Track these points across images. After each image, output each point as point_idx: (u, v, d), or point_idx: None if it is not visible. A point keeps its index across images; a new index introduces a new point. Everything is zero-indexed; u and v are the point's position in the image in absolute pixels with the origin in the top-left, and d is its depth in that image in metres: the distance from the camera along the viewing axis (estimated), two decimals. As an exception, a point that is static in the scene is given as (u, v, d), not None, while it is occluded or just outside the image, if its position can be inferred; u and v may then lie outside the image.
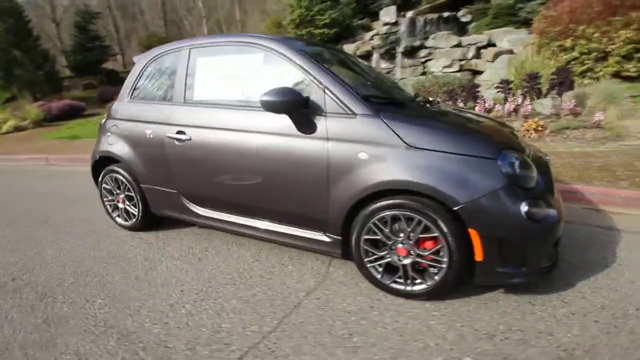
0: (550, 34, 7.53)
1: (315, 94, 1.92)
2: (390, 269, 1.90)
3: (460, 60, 11.12)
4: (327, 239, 2.06)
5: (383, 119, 1.80)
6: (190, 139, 2.33)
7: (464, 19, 13.78)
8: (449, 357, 1.50)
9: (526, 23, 11.66)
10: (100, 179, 2.99)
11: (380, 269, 1.92)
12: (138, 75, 2.71)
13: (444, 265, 1.74)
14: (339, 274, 2.18)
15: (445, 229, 1.68)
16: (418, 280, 1.84)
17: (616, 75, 6.63)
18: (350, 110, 1.84)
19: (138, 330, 1.77)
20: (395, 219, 1.80)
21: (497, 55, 10.36)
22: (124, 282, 2.22)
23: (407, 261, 1.83)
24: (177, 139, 2.39)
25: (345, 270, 2.21)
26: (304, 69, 1.96)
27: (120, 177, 2.82)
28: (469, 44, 11.24)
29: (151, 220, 2.90)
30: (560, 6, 7.35)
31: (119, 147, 2.75)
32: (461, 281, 1.79)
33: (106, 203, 3.06)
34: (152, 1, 25.82)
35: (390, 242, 1.85)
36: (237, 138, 2.16)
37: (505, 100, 5.14)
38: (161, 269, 2.37)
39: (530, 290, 1.89)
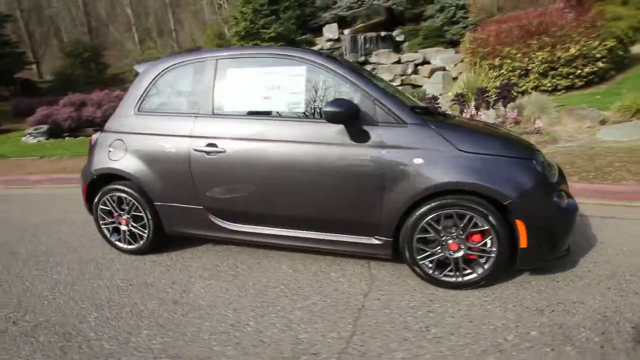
0: (481, 53, 8.68)
1: (365, 105, 2.03)
2: (441, 264, 2.08)
3: (401, 75, 12.13)
4: (377, 242, 2.16)
5: (432, 127, 1.99)
6: (224, 151, 2.25)
7: (398, 38, 15.08)
8: (519, 333, 1.71)
9: (452, 43, 13.23)
10: (96, 200, 2.68)
11: (432, 265, 2.08)
12: (148, 86, 2.52)
13: (493, 255, 1.97)
14: (384, 275, 2.30)
15: (494, 222, 1.92)
16: (468, 271, 2.04)
17: (535, 89, 7.91)
18: (401, 119, 2.00)
19: (211, 356, 1.66)
20: (447, 216, 1.99)
21: (432, 72, 11.55)
22: (162, 309, 2.04)
23: (458, 255, 2.03)
24: (207, 152, 2.29)
25: (387, 271, 2.33)
26: (353, 82, 2.07)
27: (126, 195, 2.57)
28: (408, 61, 12.33)
29: (159, 242, 2.69)
30: (488, 30, 8.53)
31: (126, 163, 2.51)
32: (505, 268, 2.05)
33: (103, 226, 2.73)
34: (72, 5, 23.06)
35: (442, 239, 2.03)
36: (282, 149, 2.16)
37: (462, 111, 5.80)
38: (197, 290, 2.22)
39: (548, 271, 2.22)
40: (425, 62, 12.10)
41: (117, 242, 2.73)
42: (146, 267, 2.55)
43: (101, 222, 2.74)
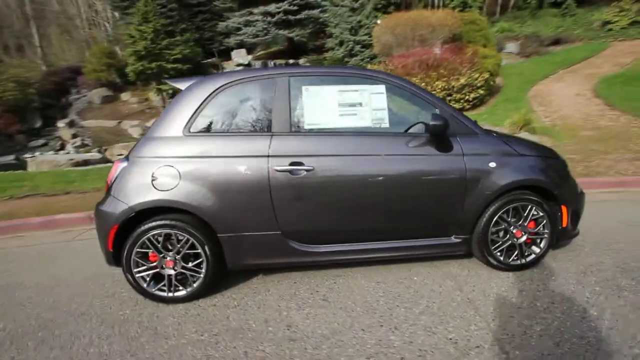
0: (391, 81, 10.04)
1: (446, 119, 2.31)
2: (509, 251, 2.45)
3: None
4: (456, 240, 2.41)
5: (495, 135, 2.40)
6: (312, 169, 2.17)
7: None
8: (576, 304, 2.12)
9: (354, 72, 14.81)
10: (130, 243, 2.15)
11: (501, 254, 2.43)
12: (201, 104, 2.22)
13: (546, 236, 2.45)
14: (455, 271, 2.53)
15: (547, 209, 2.40)
16: (526, 253, 2.46)
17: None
18: (474, 130, 2.34)
19: (389, 375, 1.59)
20: (514, 209, 2.39)
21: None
22: (288, 350, 1.80)
23: (522, 240, 2.44)
24: (291, 171, 2.16)
25: (453, 268, 2.58)
26: (430, 99, 2.33)
27: (177, 231, 2.16)
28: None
29: (212, 282, 2.33)
30: (396, 63, 9.99)
31: (182, 193, 2.12)
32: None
33: (139, 275, 2.20)
34: None
35: (511, 228, 2.41)
36: (372, 163, 2.22)
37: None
38: (301, 321, 2.03)
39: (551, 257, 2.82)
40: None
41: (159, 292, 2.23)
42: (212, 312, 2.17)
43: (136, 269, 2.20)
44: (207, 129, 2.26)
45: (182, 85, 2.30)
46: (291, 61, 15.51)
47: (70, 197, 5.03)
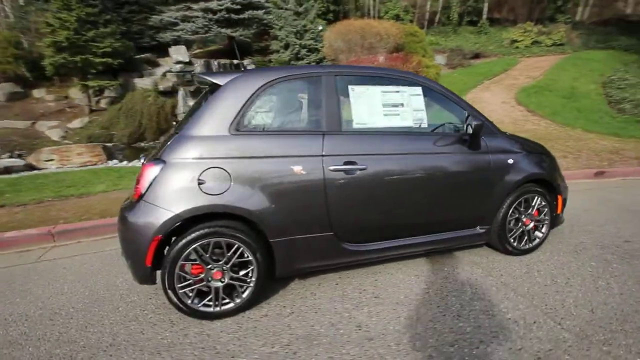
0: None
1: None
2: (520, 237, 2.76)
3: (268, 101, 12.74)
4: (480, 231, 2.64)
5: (508, 135, 2.69)
6: (365, 168, 2.18)
7: (249, 68, 15.73)
8: (586, 277, 2.51)
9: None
10: (173, 255, 1.90)
11: (514, 241, 2.74)
12: (246, 101, 2.06)
13: (547, 222, 2.82)
14: (476, 259, 2.76)
15: (549, 199, 2.78)
16: (533, 238, 2.81)
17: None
18: (494, 131, 2.60)
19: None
20: (525, 200, 2.70)
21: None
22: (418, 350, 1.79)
23: (529, 227, 2.77)
24: (346, 170, 2.15)
25: (473, 255, 2.81)
26: (459, 102, 2.52)
27: (228, 239, 1.98)
28: (271, 88, 13.09)
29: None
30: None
31: (235, 196, 1.95)
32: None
33: (182, 291, 1.96)
34: None
35: (522, 217, 2.72)
36: (417, 161, 2.33)
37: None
38: (375, 320, 2.03)
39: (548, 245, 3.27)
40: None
41: (204, 308, 2.02)
42: (269, 323, 2.03)
43: (179, 285, 1.95)
44: (256, 127, 2.13)
45: (219, 80, 2.12)
46: (235, 62, 14.95)
47: (8, 212, 4.17)
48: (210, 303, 2.03)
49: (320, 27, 14.73)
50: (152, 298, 2.33)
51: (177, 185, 1.92)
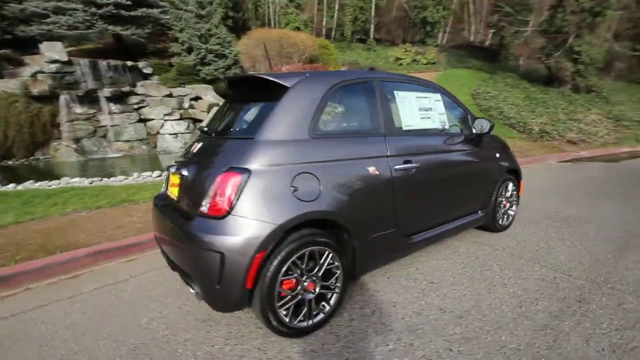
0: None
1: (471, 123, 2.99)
2: (503, 217, 3.39)
3: (179, 109, 11.69)
4: (481, 214, 3.13)
5: (490, 133, 3.29)
6: (419, 166, 2.38)
7: (146, 71, 14.07)
8: (557, 240, 3.34)
9: (208, 82, 14.18)
10: (273, 270, 1.72)
11: (501, 219, 3.35)
12: (319, 104, 2.00)
13: (516, 202, 3.53)
14: (477, 239, 3.26)
15: (517, 184, 3.49)
16: (505, 215, 3.48)
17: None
18: (485, 131, 3.14)
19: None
20: (505, 186, 3.33)
21: (211, 107, 12.05)
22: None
23: (507, 207, 3.42)
24: (406, 169, 2.31)
25: (471, 236, 3.32)
26: (462, 106, 2.96)
27: (321, 247, 1.90)
28: (180, 95, 12.05)
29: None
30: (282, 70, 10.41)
31: (327, 202, 1.88)
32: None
33: (280, 310, 1.78)
34: None
35: (502, 200, 3.34)
36: (448, 158, 2.66)
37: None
38: (449, 302, 2.22)
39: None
40: (199, 97, 12.32)
41: (300, 324, 1.88)
42: (361, 325, 2.02)
43: (279, 304, 1.77)
44: (329, 131, 2.09)
45: (285, 81, 2.00)
46: (129, 63, 13.08)
47: None
48: (303, 318, 1.91)
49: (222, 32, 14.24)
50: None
51: (272, 194, 1.76)
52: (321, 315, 1.98)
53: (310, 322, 1.93)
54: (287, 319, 1.83)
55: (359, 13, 21.00)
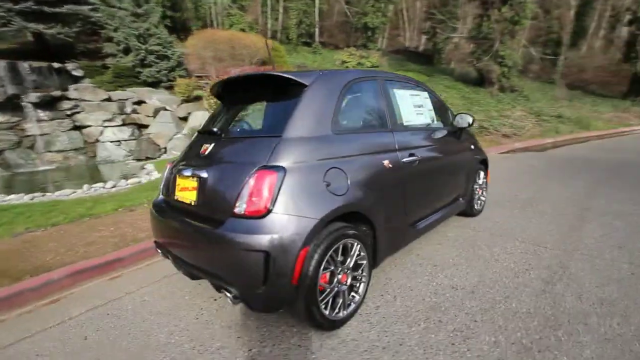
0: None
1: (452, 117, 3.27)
2: (477, 202, 3.75)
3: (121, 114, 10.78)
4: (462, 202, 3.42)
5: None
6: (420, 158, 2.55)
7: (76, 73, 12.75)
8: (534, 222, 3.78)
9: (150, 85, 13.28)
10: (314, 265, 1.74)
11: (477, 205, 3.70)
12: (337, 102, 2.05)
13: (485, 188, 3.93)
14: (459, 224, 3.57)
15: (485, 172, 3.89)
16: (478, 200, 3.86)
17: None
18: (467, 124, 3.44)
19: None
20: (477, 175, 3.69)
21: (157, 112, 11.34)
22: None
23: (480, 194, 3.80)
24: (412, 162, 2.46)
25: (452, 222, 3.61)
26: (445, 105, 3.23)
27: (352, 240, 1.96)
28: (120, 99, 11.14)
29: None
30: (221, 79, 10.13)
31: (355, 196, 1.94)
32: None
33: (322, 304, 1.80)
34: None
35: (476, 187, 3.69)
36: (440, 151, 2.87)
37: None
38: (456, 280, 2.42)
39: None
40: (142, 101, 11.47)
41: (336, 316, 1.92)
42: (388, 311, 2.12)
43: (320, 297, 1.79)
44: (347, 126, 2.15)
45: (303, 79, 2.01)
46: (56, 65, 11.64)
47: None
48: (339, 309, 1.95)
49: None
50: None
51: (309, 190, 1.77)
52: (353, 306, 2.04)
53: (345, 312, 1.98)
54: (327, 312, 1.86)
55: (303, 16, 21.26)
